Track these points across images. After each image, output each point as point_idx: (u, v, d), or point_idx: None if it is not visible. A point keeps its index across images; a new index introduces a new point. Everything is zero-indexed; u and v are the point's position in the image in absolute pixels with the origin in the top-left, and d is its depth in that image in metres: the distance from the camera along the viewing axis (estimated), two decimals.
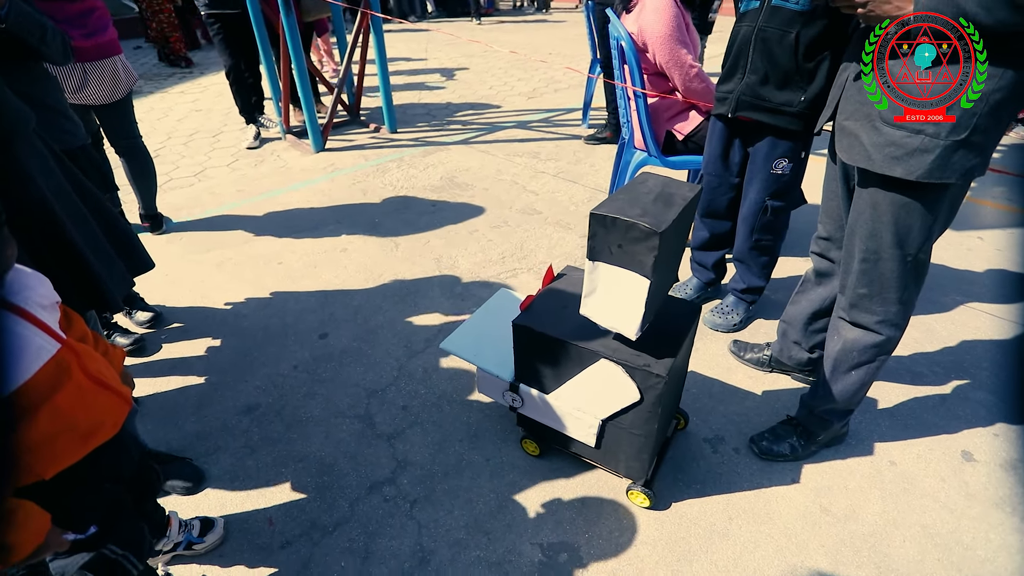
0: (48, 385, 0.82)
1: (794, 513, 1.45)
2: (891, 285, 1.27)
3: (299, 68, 3.58)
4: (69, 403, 0.85)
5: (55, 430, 0.84)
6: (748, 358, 1.91)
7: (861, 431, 1.67)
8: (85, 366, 0.89)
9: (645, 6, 2.14)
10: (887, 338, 1.34)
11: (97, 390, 0.91)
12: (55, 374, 0.83)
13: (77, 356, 0.88)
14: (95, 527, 0.96)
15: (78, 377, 0.87)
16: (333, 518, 1.45)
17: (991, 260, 2.53)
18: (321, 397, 1.83)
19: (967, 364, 1.91)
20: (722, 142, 1.92)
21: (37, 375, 0.80)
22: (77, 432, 0.87)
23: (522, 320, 1.34)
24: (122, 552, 1.02)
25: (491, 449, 1.63)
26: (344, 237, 2.80)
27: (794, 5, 1.56)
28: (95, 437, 0.91)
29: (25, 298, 0.83)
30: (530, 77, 5.92)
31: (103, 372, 0.94)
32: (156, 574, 1.19)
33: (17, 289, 0.84)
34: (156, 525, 1.25)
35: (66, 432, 0.85)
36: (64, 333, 0.93)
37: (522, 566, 1.33)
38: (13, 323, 0.79)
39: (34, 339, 0.81)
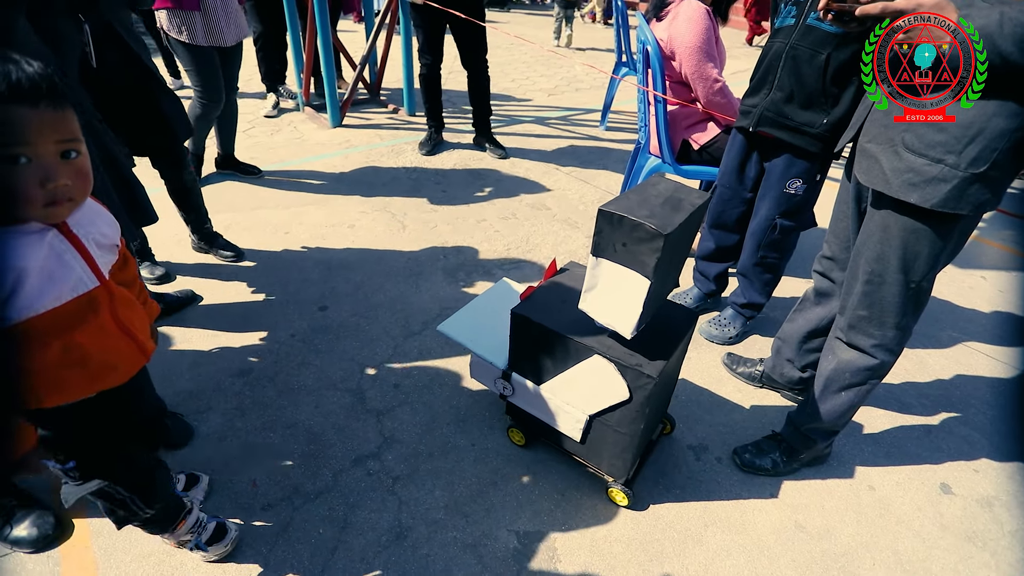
0: (75, 317, 0.85)
1: (769, 527, 1.47)
2: (891, 310, 1.28)
3: (324, 41, 3.59)
4: (88, 340, 0.87)
5: (67, 362, 0.86)
6: (740, 371, 1.93)
7: (843, 454, 1.69)
8: (115, 310, 0.92)
9: (678, 15, 2.14)
10: (881, 362, 1.35)
11: (119, 336, 0.93)
12: (84, 309, 0.86)
13: (110, 298, 0.91)
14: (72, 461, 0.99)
15: (104, 318, 0.90)
16: (316, 486, 1.47)
17: (992, 301, 2.54)
18: (315, 367, 1.85)
19: (955, 399, 1.93)
20: (740, 155, 1.93)
21: (68, 304, 0.83)
22: (87, 370, 0.89)
23: (521, 309, 1.36)
24: (128, 495, 1.06)
25: (477, 435, 1.65)
26: (353, 213, 2.82)
27: (828, 26, 1.56)
28: (103, 380, 0.93)
29: (86, 232, 0.87)
30: (552, 74, 5.91)
31: (132, 321, 0.96)
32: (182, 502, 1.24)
33: (83, 222, 0.88)
34: (171, 511, 1.22)
35: (76, 367, 0.88)
36: (115, 274, 0.98)
37: (496, 551, 1.35)
38: (64, 250, 0.83)
39: (76, 271, 0.85)
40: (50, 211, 0.78)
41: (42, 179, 0.75)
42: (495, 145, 3.62)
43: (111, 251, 0.94)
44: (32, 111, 0.72)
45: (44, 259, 0.80)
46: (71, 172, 0.78)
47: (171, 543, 1.28)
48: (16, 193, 0.74)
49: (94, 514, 1.36)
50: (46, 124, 0.74)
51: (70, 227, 0.85)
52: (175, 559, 1.28)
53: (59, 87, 0.75)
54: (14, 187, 0.73)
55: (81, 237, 0.86)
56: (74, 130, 0.78)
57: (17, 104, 0.71)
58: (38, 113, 0.72)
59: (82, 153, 0.80)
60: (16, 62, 0.72)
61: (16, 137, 0.72)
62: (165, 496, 1.16)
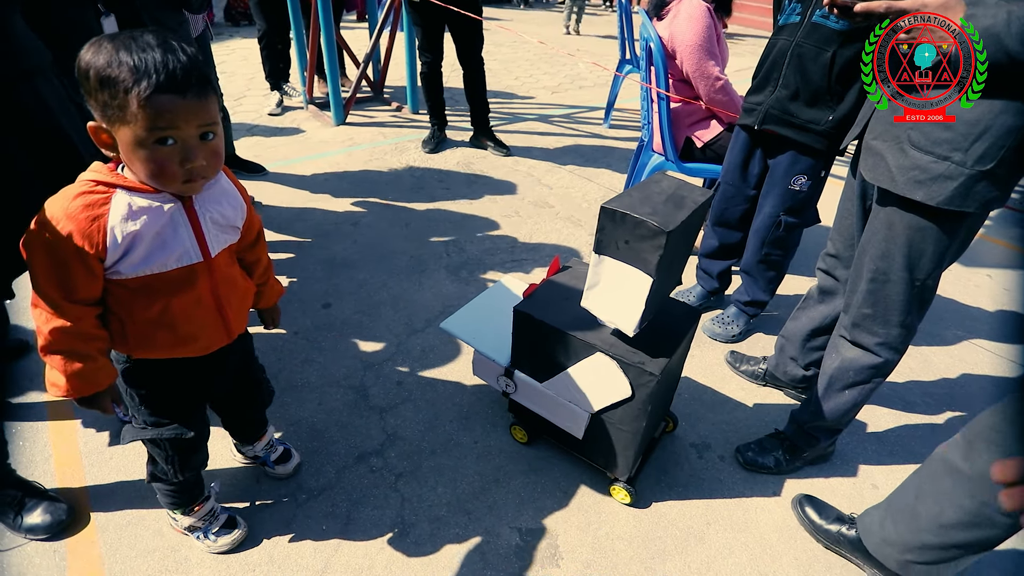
0: (176, 284, 0.94)
1: (771, 525, 1.46)
2: (895, 308, 1.27)
3: (328, 39, 3.59)
4: (180, 307, 0.96)
5: (159, 322, 0.95)
6: (743, 370, 1.92)
7: (847, 452, 1.68)
8: (216, 286, 1.00)
9: (679, 14, 2.13)
10: (885, 360, 1.34)
11: (211, 311, 1.02)
12: (185, 278, 0.95)
13: (211, 274, 0.99)
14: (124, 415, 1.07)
15: (202, 291, 0.98)
16: (319, 483, 1.48)
17: (997, 299, 2.53)
18: (318, 364, 1.86)
19: (960, 398, 1.92)
20: (743, 152, 1.92)
21: (172, 272, 0.93)
22: (174, 334, 0.98)
23: (523, 307, 1.36)
24: (172, 452, 1.13)
25: (480, 432, 1.65)
26: (356, 211, 2.82)
27: (834, 24, 1.55)
28: (185, 347, 1.01)
29: (206, 210, 0.96)
30: (556, 72, 5.90)
31: (231, 300, 1.05)
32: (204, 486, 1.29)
33: (208, 200, 0.97)
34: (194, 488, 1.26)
35: (164, 329, 0.96)
36: (244, 252, 1.11)
37: (499, 548, 1.35)
38: (181, 223, 0.92)
39: (186, 243, 0.93)
40: (187, 186, 0.87)
41: (182, 159, 0.83)
42: (497, 143, 3.61)
43: (228, 231, 1.02)
44: (181, 100, 0.79)
45: (162, 227, 0.89)
46: (208, 152, 0.86)
47: (179, 529, 1.30)
48: (162, 169, 0.82)
49: (100, 509, 1.37)
50: (192, 110, 0.80)
51: (193, 203, 0.94)
52: (179, 554, 1.29)
53: (207, 76, 0.82)
54: (161, 164, 0.82)
55: (200, 214, 0.95)
56: (214, 114, 0.85)
57: (172, 93, 0.78)
58: (186, 101, 0.79)
59: (218, 135, 0.87)
60: (175, 50, 0.79)
61: (167, 121, 0.79)
62: (195, 468, 1.21)
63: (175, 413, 1.11)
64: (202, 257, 0.96)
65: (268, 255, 1.20)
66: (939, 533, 1.11)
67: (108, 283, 0.90)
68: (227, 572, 1.27)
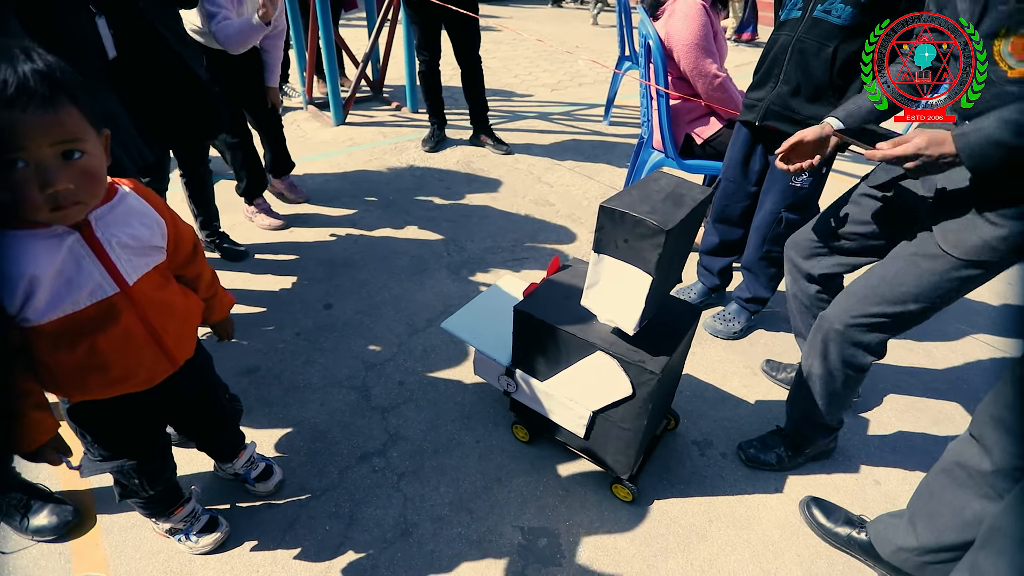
0: (96, 322, 0.86)
1: (774, 521, 1.46)
2: (893, 313, 1.27)
3: (326, 39, 3.59)
4: (107, 346, 0.88)
5: (88, 364, 0.87)
6: (781, 378, 1.89)
7: (849, 448, 1.68)
8: (145, 315, 0.91)
9: (675, 12, 2.13)
10: (872, 360, 1.35)
11: (145, 343, 0.93)
12: (103, 315, 0.86)
13: (135, 304, 0.90)
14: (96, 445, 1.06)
15: (128, 323, 0.89)
16: (322, 483, 1.48)
17: (1000, 294, 2.51)
18: (320, 365, 1.86)
19: (963, 392, 1.91)
20: (744, 149, 1.92)
21: (87, 310, 0.84)
22: (106, 375, 0.90)
23: (523, 306, 1.36)
24: (138, 476, 1.12)
25: (482, 431, 1.66)
26: (357, 211, 2.82)
27: (836, 19, 1.55)
28: (123, 385, 0.94)
29: (111, 235, 0.86)
30: (556, 69, 5.88)
31: (167, 327, 0.96)
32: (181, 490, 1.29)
33: (113, 223, 0.87)
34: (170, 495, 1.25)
35: (97, 371, 0.89)
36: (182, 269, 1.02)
37: (502, 546, 1.36)
38: (83, 255, 0.83)
39: (95, 277, 0.84)
40: (57, 215, 0.76)
41: (41, 183, 0.72)
42: (497, 141, 3.61)
43: (148, 253, 0.92)
44: (21, 115, 0.69)
45: (62, 263, 0.80)
46: (74, 174, 0.75)
47: (161, 531, 1.30)
48: (16, 197, 0.72)
49: (104, 511, 1.38)
50: (37, 126, 0.70)
51: (94, 230, 0.84)
52: (184, 555, 1.30)
53: (57, 86, 0.71)
54: (16, 191, 0.71)
55: (104, 241, 0.85)
56: (74, 130, 0.74)
57: (7, 108, 0.68)
58: (27, 116, 0.69)
59: (88, 152, 0.77)
60: (14, 59, 0.70)
61: (8, 142, 0.69)
62: (166, 480, 1.20)
63: (129, 448, 1.07)
64: (118, 288, 0.87)
65: (210, 267, 1.14)
66: (962, 531, 1.09)
67: (24, 332, 0.82)
68: (231, 573, 1.27)
